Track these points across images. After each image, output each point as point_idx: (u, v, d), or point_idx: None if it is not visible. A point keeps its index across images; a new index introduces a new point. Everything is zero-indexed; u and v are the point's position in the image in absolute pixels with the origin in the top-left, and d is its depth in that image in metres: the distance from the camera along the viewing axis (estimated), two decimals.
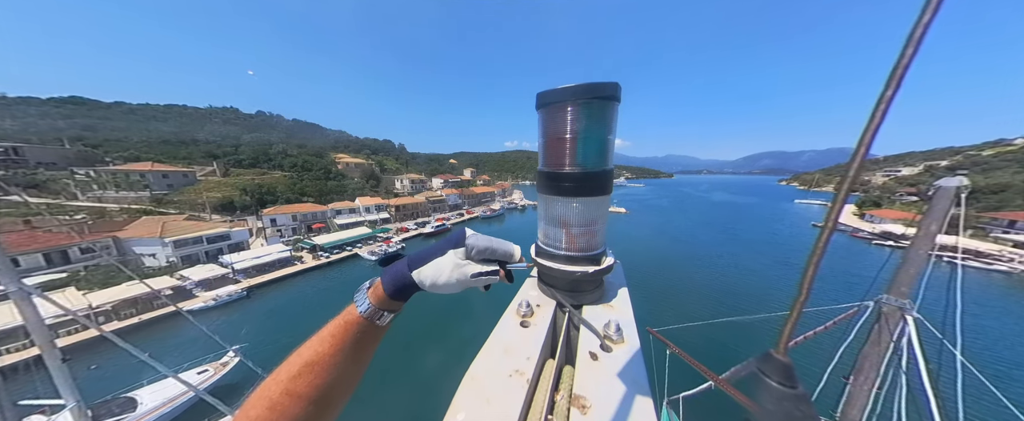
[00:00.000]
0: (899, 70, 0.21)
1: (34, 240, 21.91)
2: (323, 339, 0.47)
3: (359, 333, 0.48)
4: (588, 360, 0.59)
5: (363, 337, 0.48)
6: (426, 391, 13.13)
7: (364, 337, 0.48)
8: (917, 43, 0.20)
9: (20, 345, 15.61)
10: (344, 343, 0.47)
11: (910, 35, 0.20)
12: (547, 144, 0.70)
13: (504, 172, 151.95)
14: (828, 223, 0.29)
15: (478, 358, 0.59)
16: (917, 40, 0.20)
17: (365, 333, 0.49)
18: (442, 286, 0.51)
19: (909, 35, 0.20)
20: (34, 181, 32.49)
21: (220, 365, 13.09)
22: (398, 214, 49.81)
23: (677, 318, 17.75)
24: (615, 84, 0.63)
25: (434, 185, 72.26)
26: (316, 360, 0.45)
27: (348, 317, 0.49)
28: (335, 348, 0.46)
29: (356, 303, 0.50)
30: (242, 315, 20.83)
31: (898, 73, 0.21)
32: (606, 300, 0.79)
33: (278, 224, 37.51)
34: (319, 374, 0.44)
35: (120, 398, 10.99)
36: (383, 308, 0.49)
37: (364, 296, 0.50)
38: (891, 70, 0.22)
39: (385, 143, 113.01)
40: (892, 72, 0.22)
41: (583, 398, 0.51)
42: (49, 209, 27.69)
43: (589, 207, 0.71)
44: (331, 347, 0.46)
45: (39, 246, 21.61)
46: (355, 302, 0.50)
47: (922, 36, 0.19)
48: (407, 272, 0.51)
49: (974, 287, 23.87)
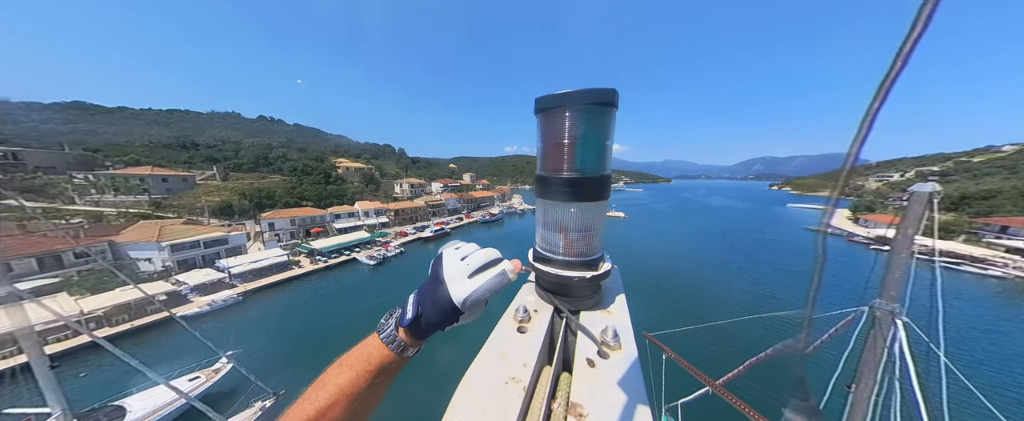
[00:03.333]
0: (887, 83, 0.21)
1: (28, 244, 21.70)
2: (350, 375, 0.46)
3: (386, 367, 0.48)
4: (585, 367, 0.58)
5: (389, 370, 0.49)
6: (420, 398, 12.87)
7: (390, 370, 0.49)
8: (906, 57, 0.20)
9: (8, 352, 15.29)
10: (371, 377, 0.46)
11: (899, 50, 0.20)
12: (545, 149, 0.70)
13: (504, 176, 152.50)
14: (821, 254, 0.30)
15: (474, 364, 0.58)
16: (906, 55, 0.20)
17: (392, 366, 0.49)
18: (474, 303, 0.50)
19: (898, 51, 0.20)
20: (32, 185, 32.37)
21: (212, 372, 12.83)
22: (397, 218, 49.69)
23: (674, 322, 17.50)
24: (613, 90, 0.64)
25: (434, 189, 72.37)
26: (342, 396, 0.44)
27: (376, 352, 0.48)
28: (363, 383, 0.46)
29: (384, 337, 0.49)
30: (237, 321, 20.52)
31: (886, 86, 0.21)
32: (604, 306, 0.79)
33: (276, 228, 37.31)
34: (346, 408, 0.44)
35: (108, 406, 10.73)
36: (410, 345, 0.50)
37: (393, 330, 0.50)
38: (880, 82, 0.22)
39: (385, 147, 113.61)
40: (881, 85, 0.22)
41: (580, 406, 0.50)
42: (45, 213, 27.51)
43: (587, 212, 0.71)
44: (355, 383, 0.45)
45: (33, 250, 21.38)
46: (381, 335, 0.50)
47: (911, 51, 0.20)
48: (425, 335, 0.50)
49: (970, 292, 23.83)
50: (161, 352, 16.91)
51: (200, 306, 21.09)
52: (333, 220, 42.83)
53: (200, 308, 20.91)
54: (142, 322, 19.15)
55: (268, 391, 11.13)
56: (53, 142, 47.84)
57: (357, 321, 20.30)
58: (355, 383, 0.45)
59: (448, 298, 0.49)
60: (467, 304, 0.49)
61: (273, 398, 11.20)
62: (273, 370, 14.33)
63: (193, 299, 22.25)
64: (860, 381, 3.11)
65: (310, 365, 15.15)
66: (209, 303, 21.41)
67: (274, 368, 14.71)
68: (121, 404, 10.87)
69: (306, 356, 16.37)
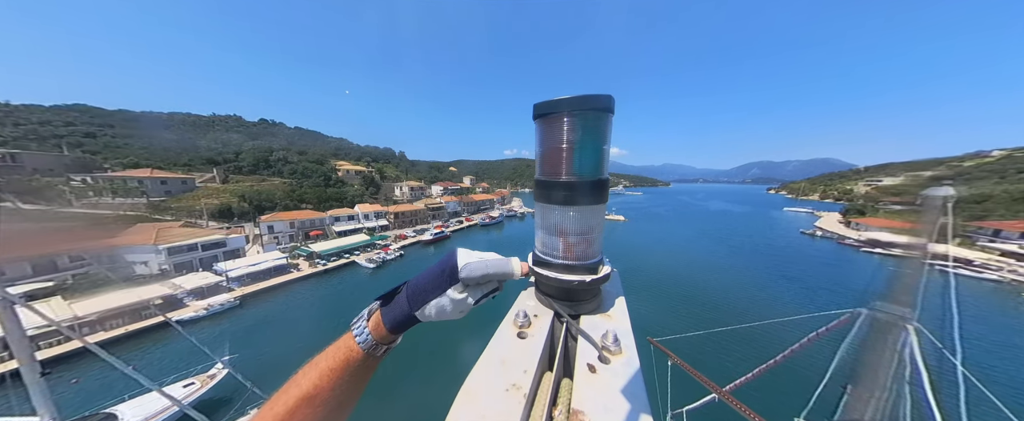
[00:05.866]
0: None
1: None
2: (322, 372, 0.46)
3: (358, 365, 0.48)
4: (586, 372, 0.57)
5: (361, 369, 0.49)
6: (419, 407, 12.68)
7: (362, 369, 0.49)
8: None
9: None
10: (343, 376, 0.46)
11: None
12: (544, 153, 0.71)
13: (503, 180, 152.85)
14: None
15: (474, 371, 0.57)
16: None
17: (363, 365, 0.49)
18: (446, 318, 0.53)
19: None
20: (29, 188, 32.23)
21: (207, 378, 12.64)
22: (397, 221, 49.60)
23: (677, 327, 17.48)
24: (609, 96, 0.64)
25: (433, 192, 72.41)
26: (314, 394, 0.44)
27: (347, 351, 0.48)
28: (334, 381, 0.46)
29: (355, 335, 0.50)
30: (234, 325, 20.29)
31: None
32: (604, 310, 0.78)
33: (275, 231, 37.16)
34: (318, 408, 0.43)
35: (99, 414, 10.52)
36: (382, 342, 0.51)
37: (364, 328, 0.50)
38: None
39: (386, 151, 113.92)
40: None
41: (582, 413, 0.49)
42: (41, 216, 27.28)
43: (586, 215, 0.71)
44: (329, 380, 0.45)
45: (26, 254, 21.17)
46: (353, 333, 0.50)
47: None
48: (409, 311, 0.51)
49: (966, 296, 23.96)
50: (155, 357, 16.66)
51: (196, 310, 20.86)
52: (333, 223, 42.70)
53: (196, 312, 20.67)
54: (137, 327, 18.90)
55: (264, 398, 10.89)
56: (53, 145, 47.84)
57: None
58: (317, 384, 0.44)
59: (451, 260, 0.51)
60: (467, 271, 0.50)
61: None
62: (270, 376, 14.11)
63: (189, 303, 22.02)
64: (859, 382, 3.07)
65: None
66: (205, 307, 21.19)
67: (271, 374, 14.48)
68: (113, 411, 10.66)
69: (304, 361, 16.02)
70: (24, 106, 67.90)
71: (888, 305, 2.92)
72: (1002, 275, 28.04)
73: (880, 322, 2.97)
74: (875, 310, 3.00)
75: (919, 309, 2.89)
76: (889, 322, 2.94)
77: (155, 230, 27.80)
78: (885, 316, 2.94)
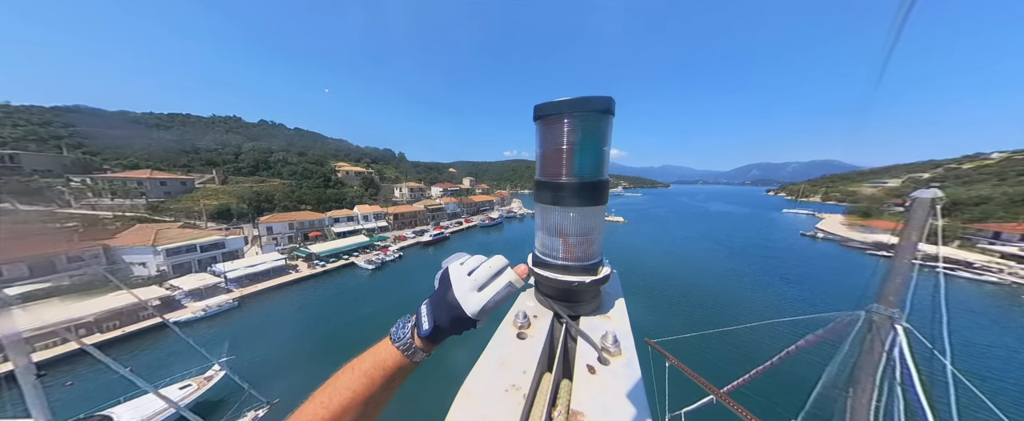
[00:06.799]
0: None
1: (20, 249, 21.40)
2: (366, 381, 0.48)
3: (398, 371, 0.51)
4: (586, 374, 0.57)
5: (400, 375, 0.51)
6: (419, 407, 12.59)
7: (400, 374, 0.52)
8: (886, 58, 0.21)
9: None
10: (383, 382, 0.49)
11: None
12: (544, 154, 0.71)
13: (503, 181, 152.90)
14: None
15: (473, 372, 0.57)
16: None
17: (405, 370, 0.52)
18: (486, 312, 0.55)
19: None
20: (28, 188, 32.16)
21: (204, 379, 12.55)
22: (396, 222, 49.54)
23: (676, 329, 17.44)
24: (609, 98, 0.65)
25: (433, 193, 72.38)
26: (356, 400, 0.46)
27: (389, 357, 0.51)
28: (373, 388, 0.48)
29: (400, 344, 0.52)
30: (232, 326, 20.18)
31: None
32: (603, 311, 0.78)
33: (274, 232, 37.08)
34: (359, 412, 0.46)
35: (95, 416, 10.43)
36: (425, 349, 0.54)
37: (409, 336, 0.52)
38: None
39: (385, 152, 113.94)
40: None
41: (581, 415, 0.49)
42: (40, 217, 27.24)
43: (585, 216, 0.71)
44: (368, 387, 0.48)
45: (23, 255, 21.09)
46: (398, 343, 0.52)
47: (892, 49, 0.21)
48: (464, 317, 0.53)
49: (966, 298, 23.92)
50: (152, 359, 16.55)
51: (194, 311, 20.76)
52: (332, 224, 42.63)
53: (194, 313, 20.58)
54: (134, 328, 18.80)
55: (261, 400, 10.88)
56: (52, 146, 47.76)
57: (354, 326, 19.99)
58: (370, 387, 0.48)
59: (462, 313, 0.52)
60: (480, 314, 0.54)
61: (266, 407, 10.92)
62: (267, 378, 14.02)
63: (187, 304, 21.92)
64: (858, 385, 3.07)
65: (306, 372, 14.83)
66: (203, 308, 21.09)
67: (268, 376, 14.39)
68: (108, 414, 10.57)
69: (302, 363, 16.04)
70: (24, 107, 67.85)
71: (879, 306, 2.94)
72: (1002, 277, 28.12)
73: (873, 323, 2.98)
74: (869, 311, 3.00)
75: (908, 309, 2.91)
76: (879, 322, 2.95)
77: (154, 231, 27.73)
78: (878, 317, 2.95)
